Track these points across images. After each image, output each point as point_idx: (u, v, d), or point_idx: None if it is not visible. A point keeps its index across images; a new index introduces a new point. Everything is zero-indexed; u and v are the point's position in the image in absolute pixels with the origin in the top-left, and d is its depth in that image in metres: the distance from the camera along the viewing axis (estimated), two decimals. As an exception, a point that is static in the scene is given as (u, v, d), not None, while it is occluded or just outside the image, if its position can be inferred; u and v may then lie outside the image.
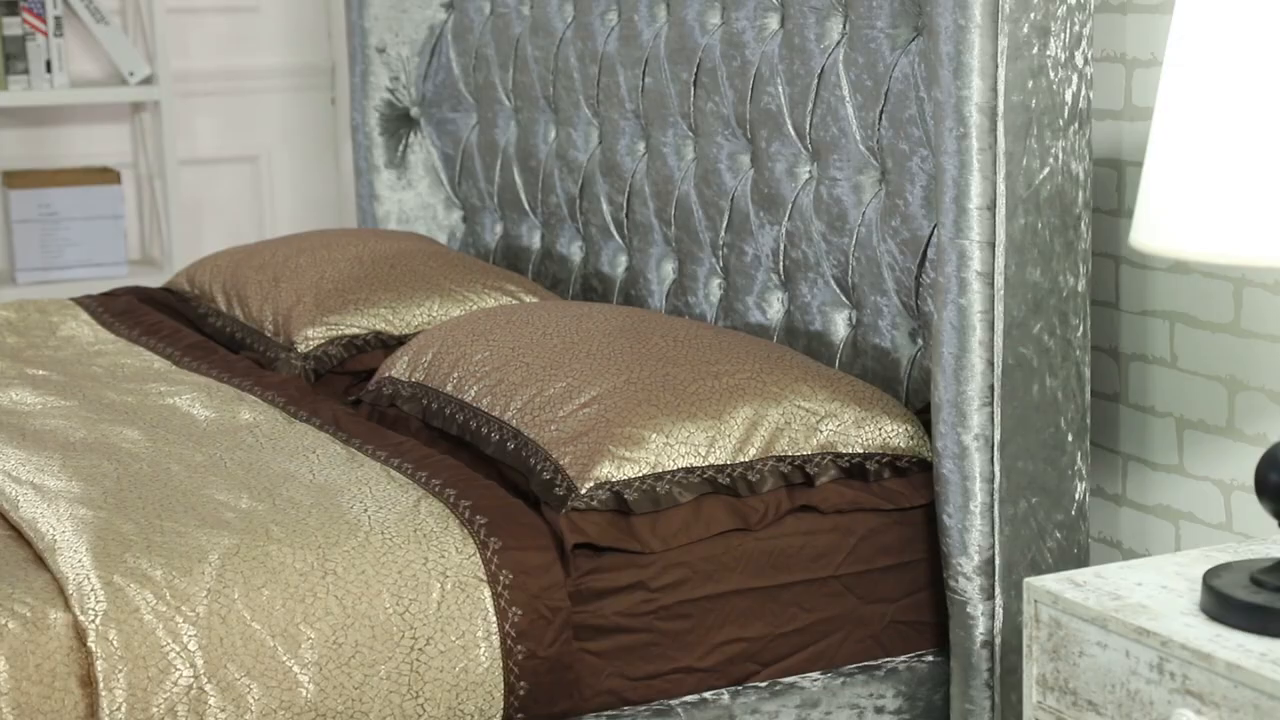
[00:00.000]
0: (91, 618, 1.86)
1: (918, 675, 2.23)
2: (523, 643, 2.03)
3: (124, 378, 2.75)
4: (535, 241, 3.44)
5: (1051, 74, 2.07)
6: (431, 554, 2.03)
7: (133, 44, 4.54)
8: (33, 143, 4.60)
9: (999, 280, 2.09)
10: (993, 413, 2.12)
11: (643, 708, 2.12)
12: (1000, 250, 2.09)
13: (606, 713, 2.11)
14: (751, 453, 2.22)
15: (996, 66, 2.05)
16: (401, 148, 3.71)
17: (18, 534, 2.08)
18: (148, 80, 4.50)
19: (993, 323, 2.10)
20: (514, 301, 2.99)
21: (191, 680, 1.88)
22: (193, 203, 4.72)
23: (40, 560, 1.99)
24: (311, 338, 2.87)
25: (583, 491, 2.14)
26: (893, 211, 2.43)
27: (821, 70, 2.54)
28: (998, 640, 2.15)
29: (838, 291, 2.58)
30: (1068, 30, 2.07)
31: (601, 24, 3.12)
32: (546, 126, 3.35)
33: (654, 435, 2.20)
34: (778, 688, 2.17)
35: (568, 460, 2.19)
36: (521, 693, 2.04)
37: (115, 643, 1.86)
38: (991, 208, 2.08)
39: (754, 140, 2.73)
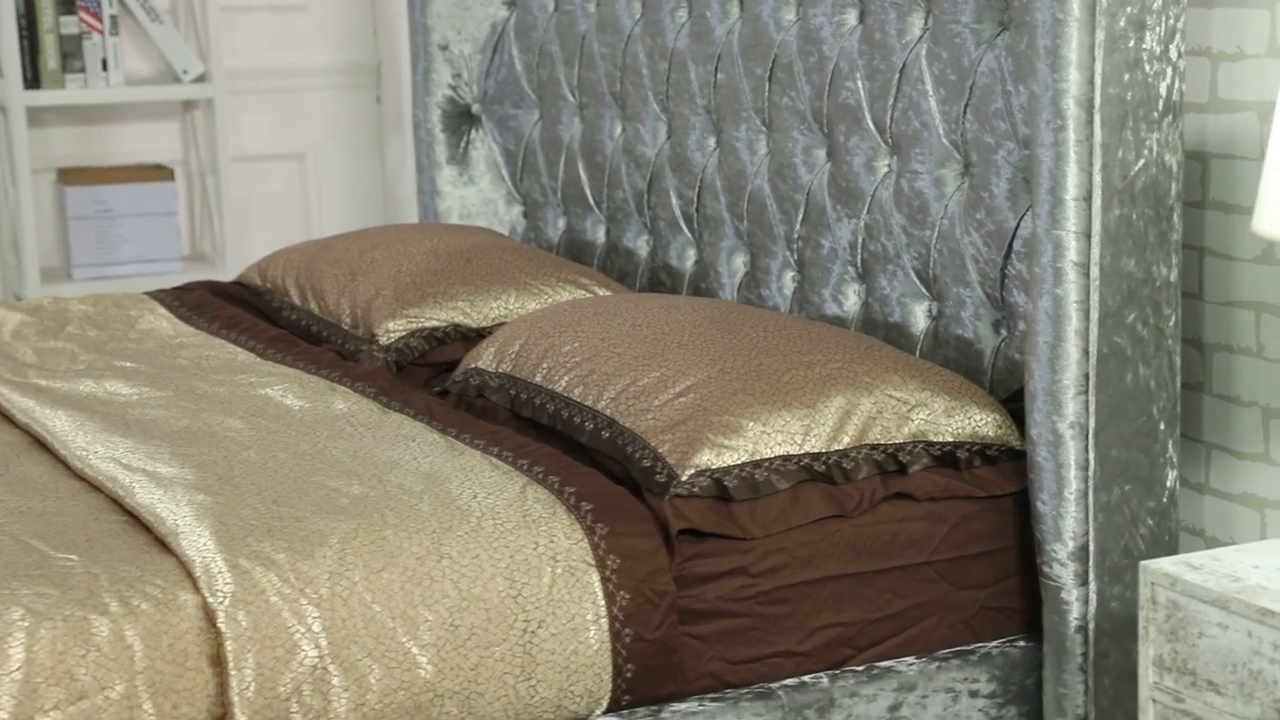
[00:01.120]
0: (220, 599, 1.91)
1: (1010, 660, 2.27)
2: (630, 626, 2.07)
3: (210, 369, 2.79)
4: (600, 236, 3.48)
5: (1147, 67, 2.11)
6: (541, 539, 2.07)
7: (185, 42, 4.59)
8: (84, 140, 4.64)
9: (1094, 270, 2.13)
10: (1088, 401, 2.16)
11: (744, 690, 2.16)
12: (1096, 241, 2.12)
13: (709, 695, 2.15)
14: (845, 441, 2.26)
15: (1094, 60, 2.09)
16: (463, 144, 3.75)
17: (134, 520, 2.13)
18: (201, 78, 4.54)
19: (1088, 312, 2.14)
20: (587, 295, 3.03)
21: (316, 660, 1.93)
22: (241, 199, 4.77)
23: (160, 545, 2.04)
24: (392, 330, 2.91)
25: (684, 478, 2.18)
26: (977, 204, 2.47)
27: (903, 65, 2.58)
28: (1091, 625, 2.19)
29: (918, 283, 2.62)
30: (1163, 24, 2.11)
31: (671, 21, 3.16)
32: (612, 122, 3.39)
33: (751, 423, 2.24)
34: (875, 671, 2.21)
35: (667, 448, 2.23)
36: (629, 675, 2.08)
37: (244, 624, 1.90)
38: (1088, 199, 2.12)
39: (831, 134, 2.77)
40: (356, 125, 4.95)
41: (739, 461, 2.21)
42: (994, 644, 2.29)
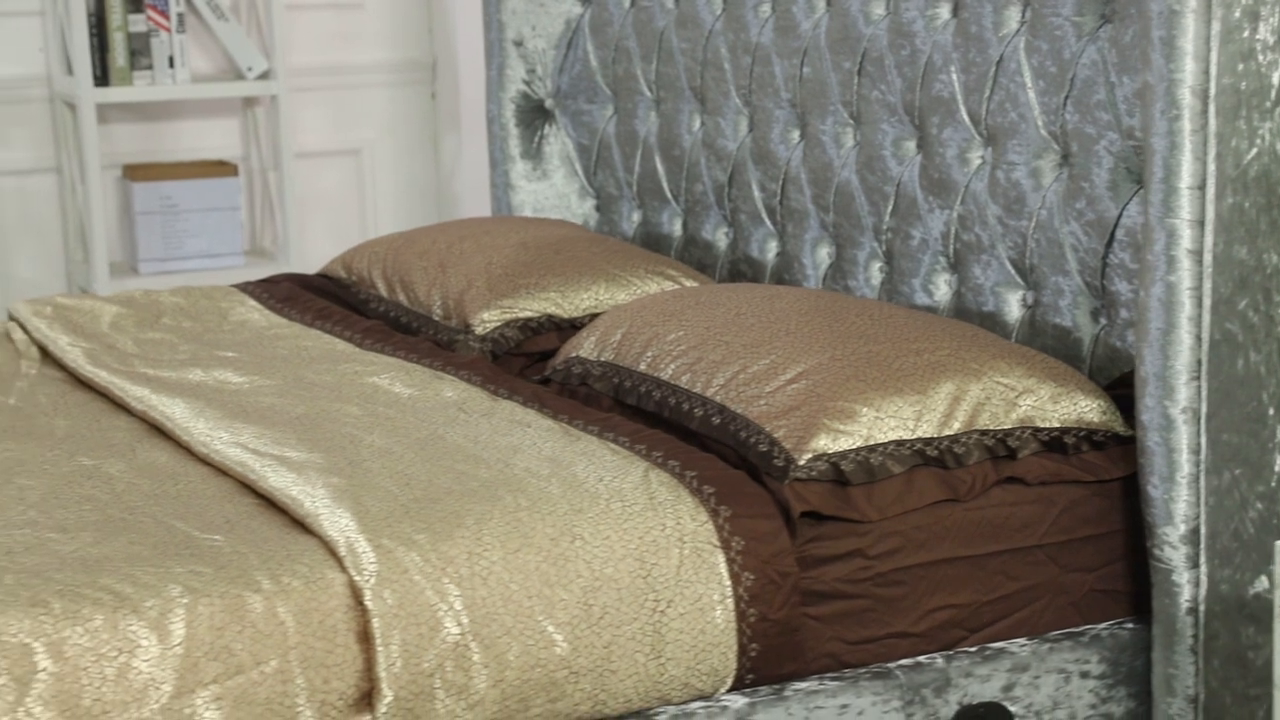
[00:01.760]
0: (367, 578, 1.95)
1: (1120, 641, 2.31)
2: (755, 606, 2.12)
3: (312, 359, 2.84)
4: (676, 229, 3.52)
5: (1260, 57, 2.15)
6: (668, 521, 2.12)
7: (249, 39, 4.63)
8: (145, 137, 4.69)
9: (1207, 258, 2.17)
10: (1200, 386, 2.20)
11: (862, 670, 2.20)
12: (1209, 229, 2.17)
13: (828, 675, 2.19)
14: (956, 426, 2.31)
15: (1209, 50, 2.13)
16: (537, 139, 3.79)
17: (265, 503, 2.17)
18: (265, 75, 4.59)
19: (1200, 299, 2.18)
20: (674, 285, 3.08)
21: (458, 637, 1.97)
22: (297, 194, 4.81)
23: (297, 526, 2.08)
24: (487, 321, 2.95)
25: (802, 462, 2.23)
26: (1077, 194, 2.51)
27: (1000, 58, 2.63)
28: (1201, 608, 2.23)
29: (1013, 272, 2.66)
30: (1276, 15, 2.15)
31: (755, 16, 3.21)
32: (691, 116, 3.43)
33: (865, 409, 2.28)
34: (988, 652, 2.25)
35: (782, 433, 2.28)
36: (753, 654, 2.13)
37: (389, 602, 1.95)
38: (1201, 187, 2.16)
39: (922, 127, 2.81)
40: (411, 121, 5.00)
41: (854, 446, 2.25)
42: (1103, 626, 2.33)
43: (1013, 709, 2.25)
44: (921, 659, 2.23)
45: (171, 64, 4.50)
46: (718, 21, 3.31)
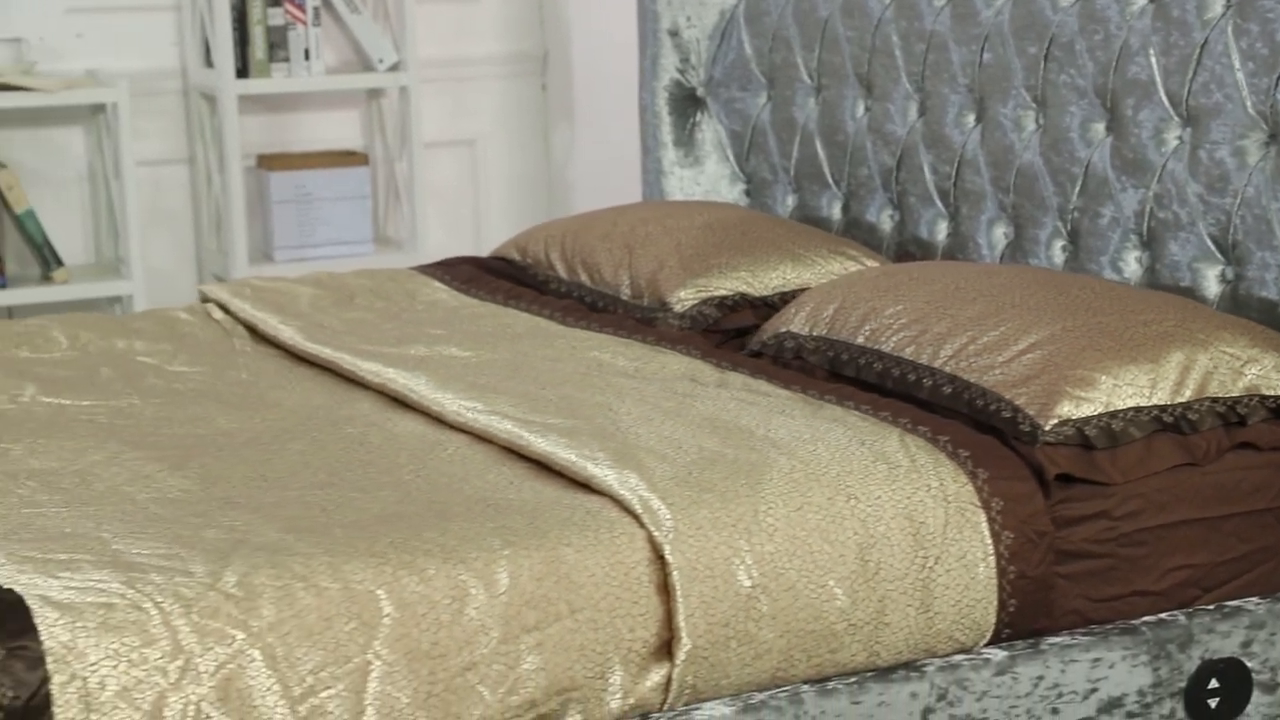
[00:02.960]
0: (665, 534, 2.05)
1: (1348, 600, 2.41)
2: (1014, 564, 2.21)
3: (518, 335, 2.93)
4: (835, 212, 3.61)
5: None
6: (932, 482, 2.21)
7: (381, 32, 4.73)
8: (271, 128, 4.79)
9: None
10: None
11: (1110, 626, 2.29)
12: None
13: (1078, 630, 2.28)
14: (1187, 394, 2.40)
15: None
16: (689, 126, 3.89)
17: (535, 467, 2.26)
18: (394, 67, 4.69)
19: None
20: (857, 265, 3.17)
21: (750, 590, 2.06)
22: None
23: (577, 487, 2.17)
24: (684, 299, 3.04)
25: (1048, 428, 2.32)
26: (1286, 172, 2.60)
27: (1205, 41, 2.71)
28: None
29: (1212, 248, 2.75)
30: None
31: (929, 6, 3.30)
32: (855, 102, 3.52)
33: (1103, 377, 2.37)
34: (1226, 610, 2.34)
35: (1023, 400, 2.37)
36: (1011, 609, 2.22)
37: (687, 556, 2.04)
38: None
39: (1115, 109, 2.90)
40: (523, 113, 5.10)
41: (1096, 413, 2.34)
42: (1332, 586, 2.42)
43: (1250, 665, 2.34)
44: (1164, 616, 2.32)
45: (307, 56, 4.59)
46: (887, 10, 3.40)
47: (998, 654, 2.22)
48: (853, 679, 2.15)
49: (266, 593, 1.86)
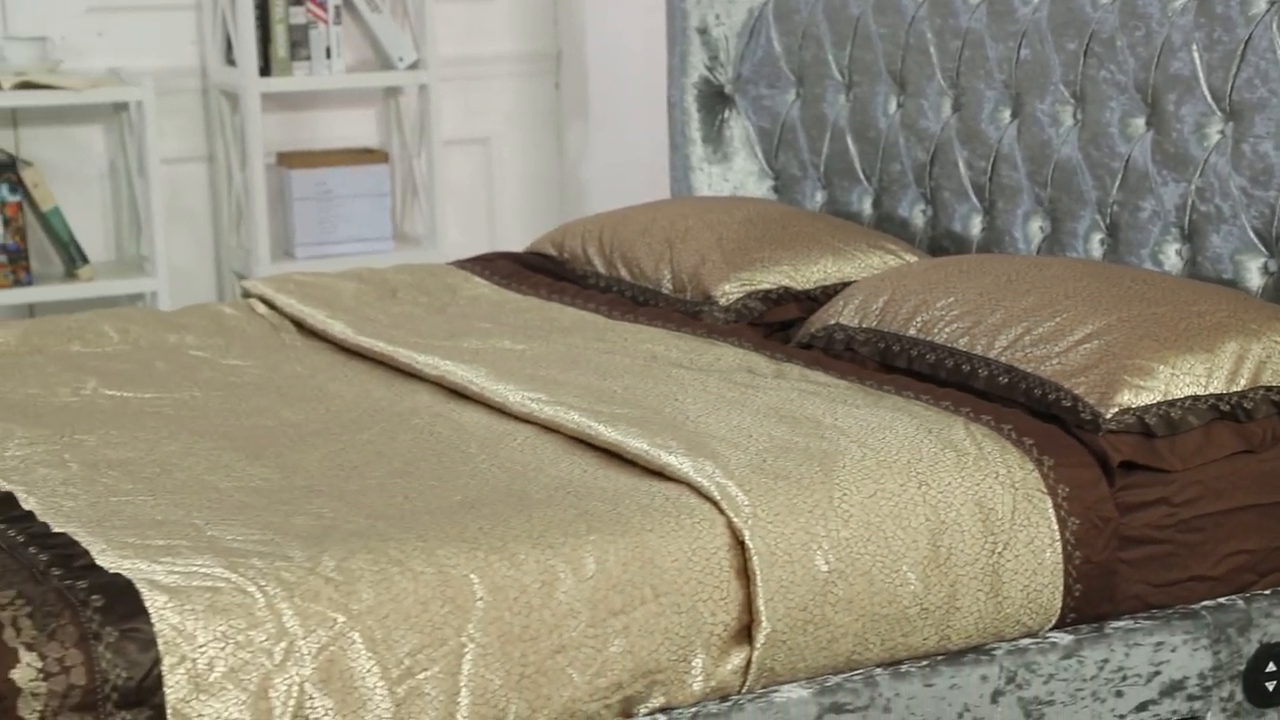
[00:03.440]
0: (745, 520, 2.08)
1: (1399, 586, 2.45)
2: (1080, 549, 2.25)
3: (567, 329, 2.96)
4: (866, 207, 3.65)
5: None
6: (1000, 469, 2.25)
7: (401, 30, 4.75)
8: (289, 126, 4.81)
9: None
10: None
11: (1171, 610, 2.33)
12: None
13: (1140, 615, 2.32)
14: (1242, 383, 2.44)
15: None
16: (717, 123, 3.92)
17: (607, 457, 2.29)
18: (414, 65, 4.72)
19: None
20: (896, 259, 3.20)
21: (826, 575, 2.10)
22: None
23: (650, 475, 2.20)
24: (729, 292, 3.08)
25: (1109, 416, 2.36)
26: (1332, 165, 2.65)
27: (1249, 38, 2.76)
28: None
29: (1255, 240, 2.79)
30: None
31: (964, 3, 3.34)
32: (887, 99, 3.56)
33: (1161, 366, 2.41)
34: (1283, 594, 2.39)
35: (1082, 389, 2.41)
36: (1076, 594, 2.26)
37: (767, 541, 2.07)
38: None
39: (1156, 104, 2.94)
40: (536, 112, 5.12)
41: (1155, 401, 2.38)
42: (1384, 572, 2.46)
43: (1306, 648, 2.38)
44: (1223, 600, 2.36)
45: (328, 55, 4.62)
46: (921, 8, 3.44)
47: (1064, 638, 2.26)
48: (924, 662, 2.18)
49: (365, 576, 1.89)
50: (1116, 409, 2.37)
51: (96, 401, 2.60)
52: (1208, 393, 2.41)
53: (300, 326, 3.12)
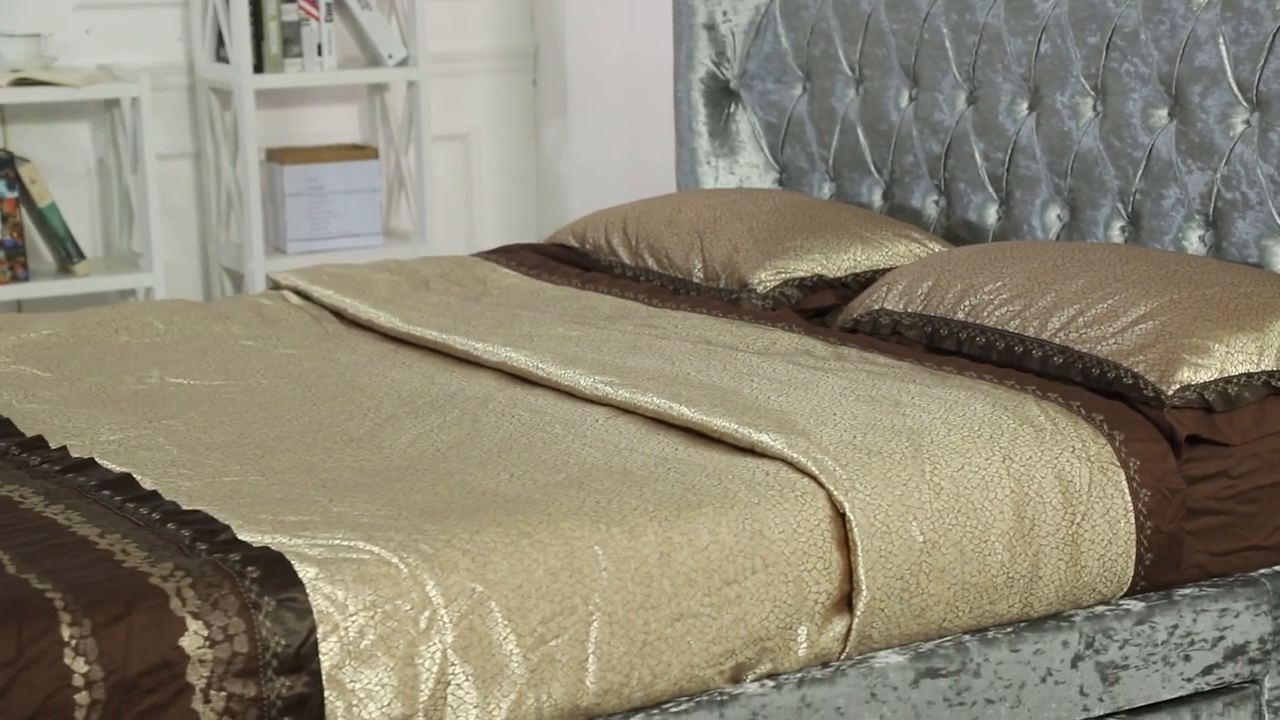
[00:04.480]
0: (845, 493, 2.14)
1: None
2: (1151, 519, 2.33)
3: (608, 317, 3.01)
4: (876, 198, 3.73)
5: None
6: (1075, 444, 2.33)
7: (390, 27, 4.79)
8: (276, 122, 4.83)
9: None
10: None
11: (1232, 578, 2.42)
12: None
13: (1203, 583, 2.41)
14: (1291, 360, 2.54)
15: None
16: (724, 117, 3.99)
17: (689, 436, 2.35)
18: (403, 62, 4.75)
19: None
20: (922, 248, 3.28)
21: (923, 545, 2.17)
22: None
23: (737, 452, 2.26)
24: (765, 280, 3.14)
25: (1170, 393, 2.45)
26: (1361, 153, 2.75)
27: (1278, 30, 2.86)
28: None
29: (1281, 226, 2.90)
30: None
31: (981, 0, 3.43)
32: (899, 92, 3.64)
33: (1216, 345, 2.50)
34: (1335, 562, 2.49)
35: (1143, 368, 2.49)
36: (1147, 563, 2.34)
37: (865, 513, 2.14)
38: None
39: (1181, 96, 3.04)
40: (514, 108, 5.17)
41: (1212, 378, 2.47)
42: None
43: (1357, 614, 2.48)
44: (1278, 568, 2.46)
45: (320, 51, 4.64)
46: (935, 4, 3.52)
47: (1136, 605, 2.34)
48: (1009, 629, 2.26)
49: (498, 548, 1.94)
50: (1178, 385, 2.45)
51: (166, 389, 2.62)
52: (1260, 370, 2.51)
53: (340, 317, 3.15)
